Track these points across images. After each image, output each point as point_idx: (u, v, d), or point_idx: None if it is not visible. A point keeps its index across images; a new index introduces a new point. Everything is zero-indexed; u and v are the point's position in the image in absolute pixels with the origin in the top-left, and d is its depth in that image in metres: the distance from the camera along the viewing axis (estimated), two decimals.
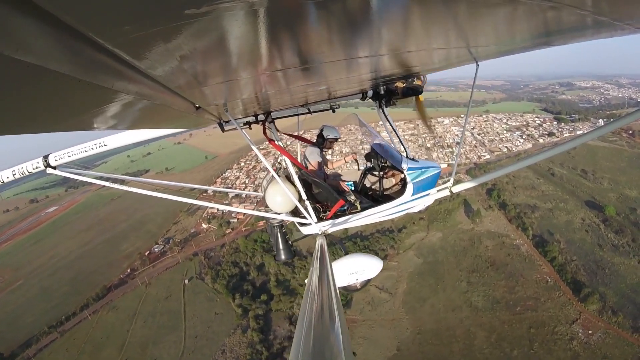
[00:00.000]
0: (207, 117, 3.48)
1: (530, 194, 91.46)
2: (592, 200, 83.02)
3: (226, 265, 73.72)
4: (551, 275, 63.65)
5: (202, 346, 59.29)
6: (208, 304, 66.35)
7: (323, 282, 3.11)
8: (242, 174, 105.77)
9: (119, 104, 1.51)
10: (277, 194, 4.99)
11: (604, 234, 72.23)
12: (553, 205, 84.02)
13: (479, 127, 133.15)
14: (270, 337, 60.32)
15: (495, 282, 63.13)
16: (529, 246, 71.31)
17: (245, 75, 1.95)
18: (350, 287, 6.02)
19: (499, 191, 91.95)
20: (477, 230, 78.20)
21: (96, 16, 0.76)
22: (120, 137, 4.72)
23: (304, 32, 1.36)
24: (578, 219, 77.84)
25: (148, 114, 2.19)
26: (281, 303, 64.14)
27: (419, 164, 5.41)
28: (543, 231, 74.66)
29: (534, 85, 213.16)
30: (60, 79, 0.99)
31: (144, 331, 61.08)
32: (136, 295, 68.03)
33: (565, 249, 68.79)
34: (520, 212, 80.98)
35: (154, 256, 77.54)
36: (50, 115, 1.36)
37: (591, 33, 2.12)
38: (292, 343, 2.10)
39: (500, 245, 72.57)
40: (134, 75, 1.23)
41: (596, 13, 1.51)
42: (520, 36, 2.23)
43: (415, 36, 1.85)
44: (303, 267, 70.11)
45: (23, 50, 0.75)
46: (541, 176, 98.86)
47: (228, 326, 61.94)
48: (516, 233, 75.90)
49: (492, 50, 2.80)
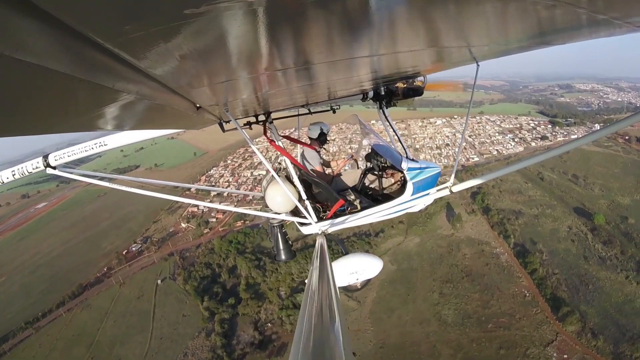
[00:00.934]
0: (207, 117, 3.35)
1: (517, 198, 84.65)
2: (581, 207, 75.77)
3: (199, 266, 71.48)
4: (530, 289, 57.36)
5: (166, 348, 57.45)
6: (178, 305, 64.46)
7: (323, 282, 3.03)
8: (227, 172, 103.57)
9: (120, 104, 1.49)
10: (277, 194, 4.85)
11: (591, 244, 65.05)
12: (539, 212, 77.05)
13: (470, 129, 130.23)
14: (233, 342, 57.93)
15: (469, 295, 57.09)
16: (510, 256, 64.97)
17: (245, 75, 1.92)
18: (350, 287, 5.76)
19: (483, 195, 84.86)
20: (456, 236, 72.26)
21: (96, 16, 0.74)
22: (120, 136, 4.51)
23: (303, 32, 1.34)
24: (564, 227, 70.68)
25: (148, 114, 2.14)
26: (248, 307, 62.01)
27: (418, 164, 5.27)
28: (526, 240, 68.04)
29: (533, 86, 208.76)
30: (61, 79, 0.96)
31: (113, 330, 60.15)
32: (110, 294, 67.02)
33: (547, 260, 62.14)
34: (504, 218, 74.52)
35: (131, 255, 76.58)
36: (50, 116, 1.35)
37: (590, 32, 2.10)
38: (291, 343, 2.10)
39: (479, 253, 66.22)
40: (134, 75, 1.22)
41: (595, 11, 1.51)
42: (520, 35, 2.20)
43: (415, 36, 1.83)
44: (274, 270, 68.58)
45: (23, 50, 0.72)
46: (529, 180, 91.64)
47: (193, 329, 59.83)
48: (497, 241, 69.49)
49: (493, 50, 2.78)
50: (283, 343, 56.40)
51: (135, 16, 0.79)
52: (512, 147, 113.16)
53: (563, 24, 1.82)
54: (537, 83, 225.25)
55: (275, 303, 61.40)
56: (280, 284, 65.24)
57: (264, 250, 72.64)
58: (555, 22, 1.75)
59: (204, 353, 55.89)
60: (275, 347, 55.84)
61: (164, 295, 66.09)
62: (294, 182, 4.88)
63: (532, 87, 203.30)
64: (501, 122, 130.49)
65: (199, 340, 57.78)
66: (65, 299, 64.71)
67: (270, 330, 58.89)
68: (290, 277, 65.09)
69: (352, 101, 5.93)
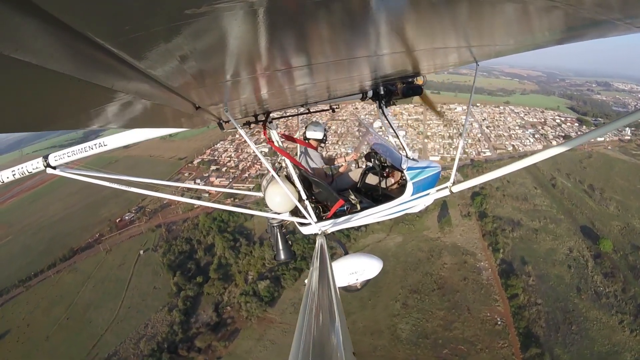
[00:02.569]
0: (206, 117, 3.28)
1: (520, 206, 72.10)
2: (589, 226, 62.30)
3: (180, 241, 69.42)
4: (504, 316, 48.06)
5: (131, 317, 56.77)
6: (152, 277, 63.40)
7: (323, 282, 2.94)
8: (232, 146, 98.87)
9: (119, 103, 1.47)
10: (277, 194, 4.63)
11: (590, 274, 53.14)
12: (541, 226, 64.59)
13: (490, 119, 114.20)
14: (191, 320, 56.06)
15: (434, 311, 49.04)
16: (493, 273, 55.26)
17: (244, 75, 1.89)
18: (350, 287, 5.58)
19: (484, 197, 72.23)
20: (442, 241, 63.19)
21: (96, 16, 0.71)
22: (120, 137, 4.35)
23: (303, 32, 1.31)
24: (564, 249, 58.50)
25: (148, 113, 2.10)
26: (214, 288, 60.16)
27: (419, 163, 5.07)
28: (516, 257, 57.15)
29: (570, 80, 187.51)
30: (60, 79, 0.93)
31: (90, 295, 60.59)
32: (96, 260, 67.17)
33: (533, 286, 51.86)
34: (498, 228, 63.75)
35: (123, 224, 76.30)
36: (50, 114, 1.33)
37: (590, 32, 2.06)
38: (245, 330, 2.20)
39: (460, 264, 56.97)
40: (134, 75, 1.18)
41: (595, 12, 1.49)
42: (520, 35, 2.17)
43: (414, 36, 1.82)
44: (249, 253, 64.83)
45: (22, 50, 0.69)
46: (540, 186, 77.53)
47: (160, 302, 58.73)
48: (484, 253, 59.44)
49: (492, 50, 2.74)
50: (236, 329, 55.86)
51: (135, 16, 0.76)
52: (530, 144, 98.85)
53: (563, 24, 1.78)
54: (575, 77, 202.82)
55: (240, 287, 59.70)
56: (250, 268, 62.68)
57: (243, 232, 70.00)
58: (555, 22, 1.72)
59: (162, 327, 55.25)
60: (227, 332, 55.46)
61: (143, 265, 66.18)
62: (294, 182, 4.65)
63: (569, 81, 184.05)
64: (525, 114, 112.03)
65: (162, 314, 57.37)
66: (57, 261, 66.74)
67: (228, 313, 56.84)
68: (262, 262, 62.23)
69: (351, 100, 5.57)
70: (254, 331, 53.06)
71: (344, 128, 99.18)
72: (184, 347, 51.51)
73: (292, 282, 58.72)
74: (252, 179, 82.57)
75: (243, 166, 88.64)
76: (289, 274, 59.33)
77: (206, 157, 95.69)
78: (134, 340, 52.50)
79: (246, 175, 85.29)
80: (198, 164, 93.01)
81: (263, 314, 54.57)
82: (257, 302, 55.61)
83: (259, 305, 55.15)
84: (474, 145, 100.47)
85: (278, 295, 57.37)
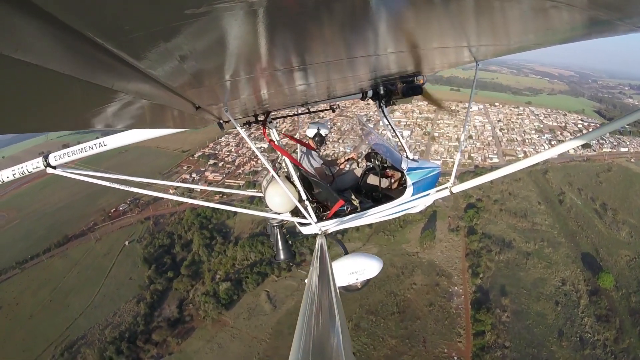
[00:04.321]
0: (207, 117, 3.24)
1: (517, 223, 64.35)
2: (592, 254, 54.06)
3: (162, 234, 70.79)
4: (463, 356, 41.09)
5: (104, 305, 58.62)
6: (131, 268, 64.94)
7: (323, 282, 2.88)
8: (235, 140, 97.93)
9: (119, 103, 1.45)
10: (277, 194, 4.58)
11: (580, 315, 45.33)
12: (535, 249, 57.02)
13: (506, 121, 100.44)
14: (155, 314, 56.51)
15: (386, 339, 44.91)
16: (465, 301, 48.17)
17: (245, 75, 1.87)
18: (350, 287, 5.52)
19: (478, 210, 63.75)
20: (419, 257, 57.96)
21: (96, 16, 0.70)
22: (120, 137, 4.31)
23: (303, 32, 1.30)
24: (556, 280, 50.87)
25: (147, 113, 2.10)
26: (182, 284, 60.65)
27: (418, 164, 5.03)
28: (495, 285, 50.53)
29: (602, 82, 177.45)
30: (60, 79, 0.91)
31: (74, 280, 63.11)
32: (85, 247, 69.81)
33: (506, 324, 45.11)
34: (484, 248, 56.99)
35: (117, 214, 78.75)
36: (50, 114, 1.31)
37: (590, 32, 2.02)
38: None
39: (430, 287, 51.68)
40: (134, 75, 1.17)
41: (595, 12, 1.47)
42: (520, 35, 2.13)
43: (414, 36, 1.80)
44: (222, 252, 64.21)
45: (22, 50, 0.68)
46: (546, 201, 68.91)
47: (131, 293, 60.21)
48: (462, 276, 53.73)
49: (492, 49, 2.71)
50: (192, 327, 55.39)
51: (136, 16, 0.75)
52: (544, 150, 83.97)
53: (563, 23, 1.76)
54: (608, 79, 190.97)
55: (207, 285, 59.10)
56: (220, 267, 61.90)
57: (222, 229, 69.49)
58: (555, 22, 1.69)
59: (128, 317, 56.67)
60: (184, 329, 56.88)
61: (125, 256, 68.26)
62: (294, 182, 4.62)
63: (601, 83, 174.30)
64: (545, 117, 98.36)
65: (130, 305, 58.94)
66: (52, 246, 70.64)
67: (189, 311, 57.69)
68: (233, 262, 61.50)
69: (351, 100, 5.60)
70: (206, 332, 53.03)
71: (349, 126, 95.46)
72: (142, 338, 53.13)
73: (253, 287, 58.39)
74: (245, 176, 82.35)
75: (239, 162, 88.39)
76: (251, 277, 58.07)
77: (208, 150, 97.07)
78: (101, 327, 54.91)
79: (240, 171, 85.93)
80: (198, 157, 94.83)
81: (218, 316, 54.46)
82: (214, 303, 55.77)
83: (215, 307, 55.23)
84: (482, 149, 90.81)
85: (237, 298, 56.94)
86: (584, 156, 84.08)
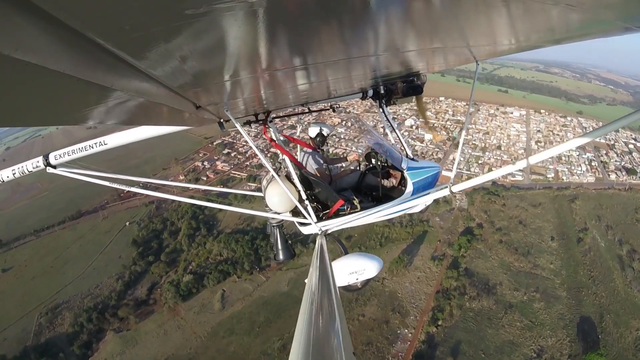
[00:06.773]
0: (207, 116, 3.21)
1: (512, 262, 57.57)
2: (594, 319, 45.70)
3: (158, 219, 73.70)
4: None
5: (91, 277, 62.81)
6: (123, 247, 68.45)
7: (323, 282, 2.85)
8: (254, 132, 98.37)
9: (119, 102, 1.45)
10: (277, 193, 4.48)
11: None
12: (521, 301, 49.43)
13: (546, 132, 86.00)
14: (127, 292, 59.58)
15: None
16: (407, 351, 41.71)
17: (245, 74, 1.88)
18: (350, 286, 5.43)
19: (472, 238, 56.85)
20: (383, 285, 54.31)
21: (96, 16, 0.69)
22: (120, 135, 4.26)
23: (303, 32, 1.30)
24: (531, 348, 42.36)
25: (148, 112, 2.13)
26: (157, 268, 62.79)
27: (418, 163, 5.02)
28: (450, 340, 43.83)
29: None
30: (60, 79, 0.91)
31: (75, 252, 68.24)
32: (93, 223, 74.84)
33: None
34: (458, 289, 48.34)
35: (128, 194, 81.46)
36: (50, 111, 1.32)
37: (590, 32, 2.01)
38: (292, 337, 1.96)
39: (377, 323, 47.54)
40: (134, 74, 1.17)
41: (595, 11, 1.48)
42: (520, 35, 2.13)
43: (414, 36, 1.81)
44: (202, 244, 65.37)
45: (22, 49, 0.68)
46: (561, 237, 57.62)
47: (115, 270, 63.50)
48: (421, 318, 45.73)
49: (492, 49, 2.72)
50: (152, 310, 57.34)
51: (135, 16, 0.74)
52: (580, 173, 72.21)
53: (563, 23, 1.76)
54: None
55: (178, 274, 62.11)
56: (195, 259, 63.22)
57: (210, 222, 70.29)
58: (555, 22, 1.69)
59: (106, 291, 60.75)
60: (145, 311, 57.44)
61: (123, 235, 72.79)
62: (294, 182, 4.52)
63: None
64: None
65: (111, 281, 63.09)
66: (66, 219, 76.85)
67: (155, 295, 59.53)
68: (208, 255, 62.61)
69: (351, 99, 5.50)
70: (161, 317, 55.55)
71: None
72: (111, 312, 56.90)
73: (214, 283, 59.92)
74: (251, 168, 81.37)
75: (251, 153, 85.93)
76: (213, 274, 58.89)
77: (228, 139, 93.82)
78: (83, 296, 59.51)
79: (247, 164, 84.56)
80: (216, 145, 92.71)
81: (174, 305, 56.64)
82: (174, 292, 58.21)
83: (174, 296, 57.63)
84: (507, 162, 75.31)
85: (196, 292, 58.41)
86: (627, 184, 65.12)
